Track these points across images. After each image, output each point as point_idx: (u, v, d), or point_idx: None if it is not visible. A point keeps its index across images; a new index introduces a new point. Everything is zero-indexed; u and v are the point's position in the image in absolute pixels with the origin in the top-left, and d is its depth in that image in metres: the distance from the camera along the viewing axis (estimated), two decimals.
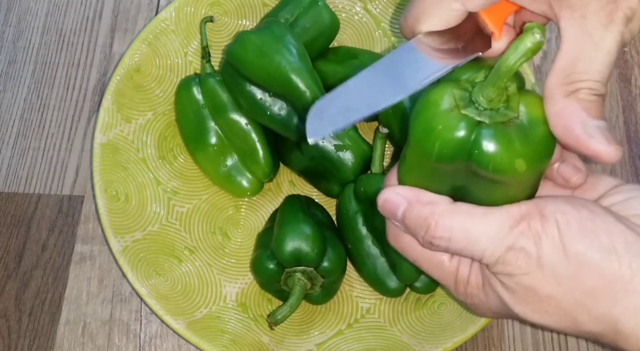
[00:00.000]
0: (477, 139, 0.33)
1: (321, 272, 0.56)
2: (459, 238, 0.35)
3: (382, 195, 0.38)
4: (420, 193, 0.37)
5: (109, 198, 0.58)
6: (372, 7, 0.67)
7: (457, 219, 0.35)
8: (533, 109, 0.34)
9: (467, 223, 0.35)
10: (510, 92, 0.34)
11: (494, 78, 0.33)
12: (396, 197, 0.37)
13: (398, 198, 0.37)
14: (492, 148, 0.33)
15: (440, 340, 0.55)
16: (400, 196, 0.37)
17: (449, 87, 0.35)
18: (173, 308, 0.55)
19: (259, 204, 0.64)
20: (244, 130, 0.60)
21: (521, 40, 0.32)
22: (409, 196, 0.37)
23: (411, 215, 0.36)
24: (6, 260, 0.63)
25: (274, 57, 0.55)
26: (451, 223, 0.35)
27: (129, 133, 0.62)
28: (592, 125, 0.34)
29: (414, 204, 0.36)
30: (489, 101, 0.34)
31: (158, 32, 0.63)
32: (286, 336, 0.57)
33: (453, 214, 0.35)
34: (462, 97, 0.34)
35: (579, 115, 0.34)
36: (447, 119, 0.34)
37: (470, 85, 0.35)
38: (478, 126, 0.34)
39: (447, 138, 0.34)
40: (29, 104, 0.70)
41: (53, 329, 0.61)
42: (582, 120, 0.34)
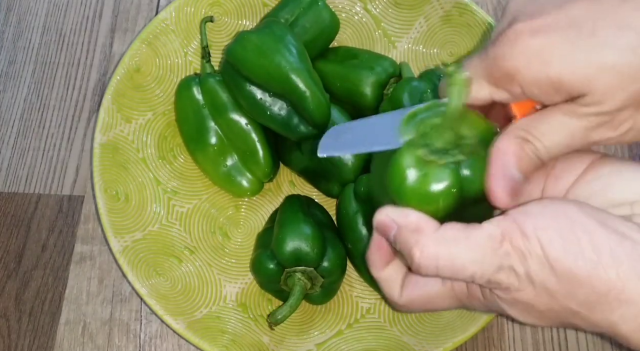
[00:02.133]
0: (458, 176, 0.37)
1: (321, 272, 0.56)
2: (445, 265, 0.35)
3: (376, 216, 0.38)
4: (408, 216, 0.37)
5: (109, 198, 0.58)
6: (372, 7, 0.67)
7: (441, 248, 0.35)
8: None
9: (452, 251, 0.35)
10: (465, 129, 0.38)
11: (447, 123, 0.37)
12: (386, 219, 0.37)
13: (388, 221, 0.37)
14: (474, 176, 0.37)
15: (440, 340, 0.55)
16: (390, 219, 0.37)
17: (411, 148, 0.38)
18: (173, 308, 0.55)
19: (259, 204, 0.64)
20: (244, 130, 0.60)
21: (451, 85, 0.36)
22: (398, 220, 0.37)
23: (399, 240, 0.37)
24: (6, 260, 0.63)
25: (274, 57, 0.55)
26: (436, 252, 0.35)
27: (129, 133, 0.62)
28: (511, 171, 0.36)
29: (402, 230, 0.37)
30: (452, 143, 0.37)
31: (158, 32, 0.63)
32: (286, 336, 0.57)
33: (438, 243, 0.36)
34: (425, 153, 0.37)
35: (508, 157, 0.36)
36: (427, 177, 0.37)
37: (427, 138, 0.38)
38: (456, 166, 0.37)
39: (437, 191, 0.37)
40: (29, 104, 0.70)
41: (53, 329, 0.61)
42: (507, 162, 0.36)
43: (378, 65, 0.62)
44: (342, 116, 0.60)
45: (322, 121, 0.56)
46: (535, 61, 0.35)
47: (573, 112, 0.36)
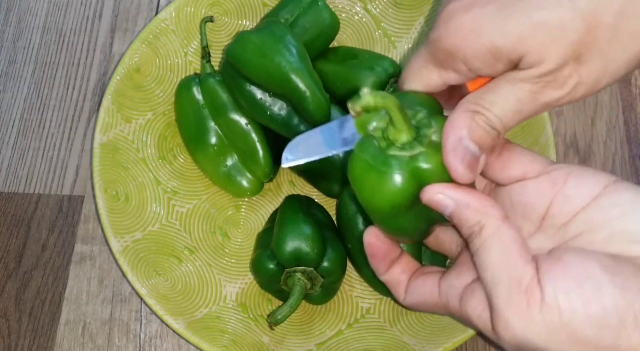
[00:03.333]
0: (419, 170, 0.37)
1: (321, 272, 0.56)
2: (481, 261, 0.35)
3: (427, 192, 0.37)
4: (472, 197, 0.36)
5: (109, 198, 0.58)
6: (372, 7, 0.67)
7: (494, 241, 0.35)
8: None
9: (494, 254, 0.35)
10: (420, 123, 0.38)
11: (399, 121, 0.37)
12: (444, 199, 0.37)
13: (446, 200, 0.37)
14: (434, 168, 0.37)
15: (440, 340, 0.55)
16: (447, 197, 0.37)
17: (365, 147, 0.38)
18: (173, 308, 0.55)
19: (259, 204, 0.64)
20: (244, 130, 0.60)
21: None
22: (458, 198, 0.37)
23: (460, 216, 0.37)
24: (6, 260, 0.63)
25: (274, 57, 0.55)
26: (487, 240, 0.35)
27: (129, 133, 0.62)
28: (464, 143, 0.36)
29: (462, 207, 0.36)
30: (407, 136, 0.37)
31: (158, 32, 0.63)
32: (286, 336, 0.57)
33: (495, 234, 0.35)
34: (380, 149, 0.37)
35: (460, 131, 0.36)
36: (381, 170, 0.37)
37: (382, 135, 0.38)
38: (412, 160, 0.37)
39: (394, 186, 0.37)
40: (29, 104, 0.70)
41: (53, 329, 0.61)
42: (460, 135, 0.36)
43: (378, 65, 0.62)
44: (342, 116, 0.60)
45: (322, 121, 0.56)
46: (470, 34, 0.35)
47: (515, 77, 0.36)
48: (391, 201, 0.37)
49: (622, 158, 0.67)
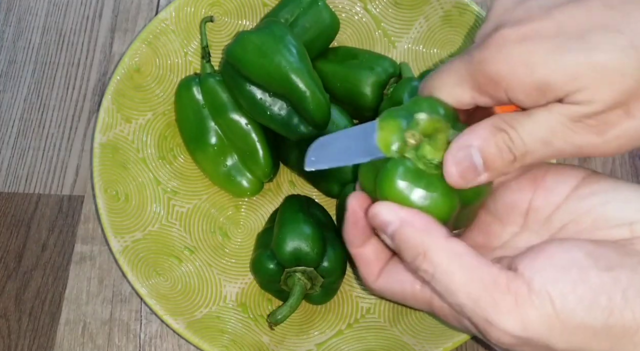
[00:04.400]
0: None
1: (321, 272, 0.56)
2: (440, 280, 0.34)
3: (374, 208, 0.36)
4: (416, 216, 0.35)
5: (109, 198, 0.58)
6: (372, 7, 0.67)
7: (445, 260, 0.34)
8: None
9: (453, 270, 0.34)
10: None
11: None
12: (389, 214, 0.36)
13: (391, 216, 0.36)
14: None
15: (441, 340, 0.55)
16: (394, 214, 0.35)
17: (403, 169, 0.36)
18: (173, 308, 0.55)
19: (259, 204, 0.64)
20: (244, 130, 0.60)
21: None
22: (404, 216, 0.35)
23: (401, 236, 0.35)
24: (6, 260, 0.63)
25: (273, 57, 0.55)
26: (438, 261, 0.34)
27: (129, 133, 0.62)
28: (470, 151, 0.35)
29: (406, 226, 0.35)
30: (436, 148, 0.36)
31: (158, 32, 0.63)
32: (286, 336, 0.57)
33: (444, 253, 0.34)
34: (411, 163, 0.36)
35: (474, 139, 0.35)
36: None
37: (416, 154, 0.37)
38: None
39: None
40: (29, 104, 0.70)
41: (53, 329, 0.61)
42: (471, 142, 0.35)
43: (378, 65, 0.62)
44: (342, 116, 0.60)
45: (322, 121, 0.56)
46: (521, 67, 0.34)
47: (557, 109, 0.34)
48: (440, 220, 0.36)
49: (622, 158, 0.67)
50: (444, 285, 0.34)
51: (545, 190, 0.38)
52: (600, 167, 0.67)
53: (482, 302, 0.33)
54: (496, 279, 0.33)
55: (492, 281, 0.33)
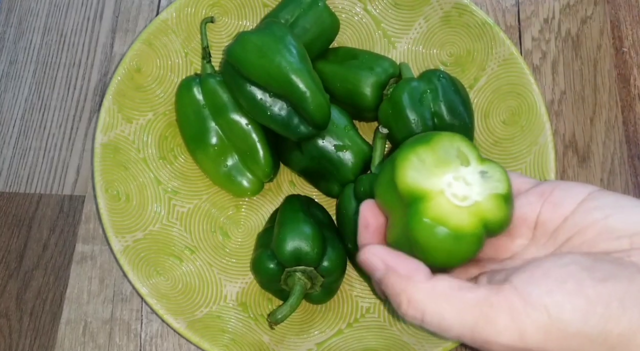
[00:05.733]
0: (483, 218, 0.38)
1: (321, 272, 0.56)
2: (431, 321, 0.35)
3: (363, 254, 0.38)
4: (398, 260, 0.36)
5: (109, 198, 0.58)
6: (372, 8, 0.67)
7: (430, 302, 0.34)
8: None
9: (441, 308, 0.34)
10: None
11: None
12: (375, 260, 0.37)
13: (375, 261, 0.37)
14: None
15: (440, 340, 0.55)
16: (378, 259, 0.37)
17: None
18: (174, 308, 0.56)
19: (259, 204, 0.64)
20: (244, 130, 0.60)
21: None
22: (387, 261, 0.37)
23: (387, 283, 0.36)
24: (7, 259, 0.64)
25: (274, 58, 0.56)
26: (424, 305, 0.34)
27: (130, 133, 0.62)
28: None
29: (390, 274, 0.36)
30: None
31: (159, 32, 0.63)
32: (286, 336, 0.58)
33: (428, 295, 0.35)
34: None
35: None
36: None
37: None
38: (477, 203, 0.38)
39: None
40: (30, 104, 0.70)
41: (54, 328, 0.61)
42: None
43: (378, 65, 0.62)
44: (342, 116, 0.61)
45: (322, 121, 0.56)
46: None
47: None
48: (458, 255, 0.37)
49: (621, 158, 0.67)
50: (438, 325, 0.34)
51: (553, 204, 0.39)
52: (599, 167, 0.67)
53: (479, 325, 0.33)
54: (487, 299, 0.34)
55: (483, 302, 0.34)
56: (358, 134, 0.60)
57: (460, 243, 0.36)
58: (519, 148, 0.61)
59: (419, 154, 0.37)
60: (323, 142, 0.59)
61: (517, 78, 0.62)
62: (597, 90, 0.70)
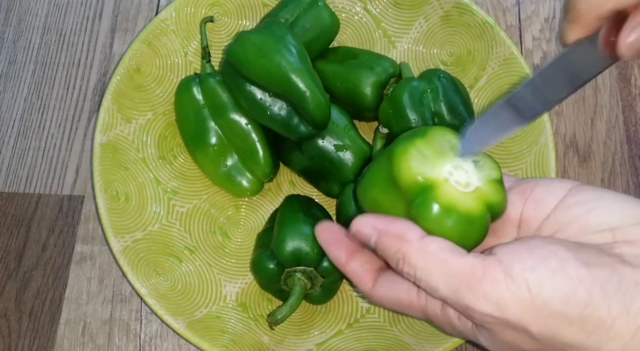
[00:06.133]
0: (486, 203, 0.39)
1: (321, 272, 0.56)
2: (421, 278, 0.36)
3: (354, 226, 0.39)
4: (390, 222, 0.37)
5: (109, 198, 0.58)
6: (372, 8, 0.67)
7: (421, 260, 0.36)
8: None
9: (430, 268, 0.35)
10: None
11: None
12: (366, 228, 0.38)
13: (368, 229, 0.38)
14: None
15: (441, 340, 0.55)
16: (370, 226, 0.38)
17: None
18: (173, 308, 0.55)
19: (259, 204, 0.64)
20: (244, 130, 0.60)
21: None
22: (378, 226, 0.38)
23: (382, 247, 0.37)
24: (6, 260, 0.63)
25: (274, 57, 0.55)
26: (415, 262, 0.36)
27: (129, 133, 0.62)
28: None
29: (382, 236, 0.37)
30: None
31: (158, 32, 0.63)
32: (286, 336, 0.57)
33: (419, 253, 0.36)
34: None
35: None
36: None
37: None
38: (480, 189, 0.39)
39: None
40: (29, 104, 0.70)
41: (53, 329, 0.61)
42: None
43: (378, 65, 0.62)
44: (342, 116, 0.60)
45: (322, 121, 0.56)
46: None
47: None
48: (467, 236, 0.38)
49: (622, 158, 0.67)
50: (426, 282, 0.36)
51: (535, 202, 0.39)
52: (600, 167, 0.67)
53: (461, 291, 0.34)
54: (472, 268, 0.35)
55: (468, 270, 0.35)
56: (358, 134, 0.60)
57: (471, 228, 0.37)
58: (519, 148, 0.61)
59: (418, 147, 0.38)
60: (323, 142, 0.59)
61: (518, 78, 0.62)
62: (598, 90, 0.70)
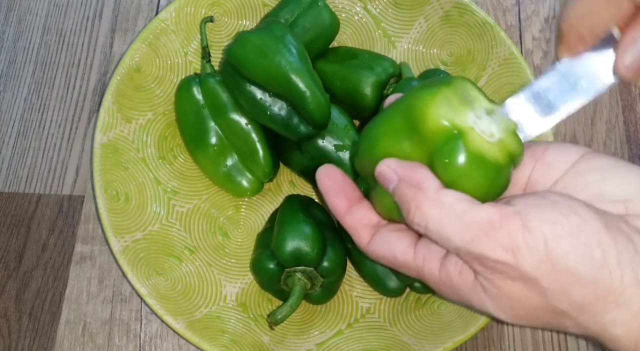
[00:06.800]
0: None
1: (321, 272, 0.56)
2: (433, 229, 0.35)
3: (378, 168, 0.38)
4: (411, 170, 0.36)
5: (109, 198, 0.58)
6: (372, 7, 0.67)
7: (435, 211, 0.35)
8: None
9: (445, 218, 0.34)
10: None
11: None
12: (388, 170, 0.37)
13: (390, 173, 0.37)
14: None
15: (441, 340, 0.55)
16: (392, 171, 0.37)
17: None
18: (173, 308, 0.55)
19: (259, 204, 0.64)
20: (244, 130, 0.60)
21: None
22: (400, 172, 0.36)
23: (399, 193, 0.36)
24: (6, 260, 0.63)
25: (274, 57, 0.55)
26: (429, 213, 0.35)
27: (129, 133, 0.62)
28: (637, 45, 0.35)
29: (402, 182, 0.36)
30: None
31: (158, 32, 0.63)
32: (286, 336, 0.57)
33: (434, 204, 0.35)
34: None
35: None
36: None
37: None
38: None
39: None
40: (29, 104, 0.70)
41: (53, 329, 0.61)
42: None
43: (378, 65, 0.62)
44: (342, 116, 0.60)
45: (322, 121, 0.56)
46: None
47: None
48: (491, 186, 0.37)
49: (622, 158, 0.67)
50: (438, 233, 0.35)
51: (545, 164, 0.38)
52: None
53: (476, 240, 0.34)
54: (489, 217, 0.34)
55: (485, 219, 0.34)
56: (358, 134, 0.60)
57: (498, 178, 0.36)
58: None
59: (445, 94, 0.37)
60: (323, 141, 0.59)
61: (518, 78, 0.62)
62: None
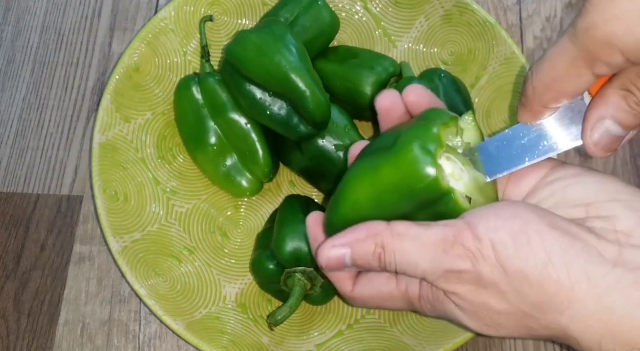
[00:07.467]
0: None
1: (321, 272, 0.55)
2: (401, 261, 0.36)
3: (321, 257, 0.39)
4: (354, 232, 0.38)
5: (107, 198, 0.58)
6: (372, 7, 0.67)
7: (397, 242, 0.36)
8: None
9: (406, 245, 0.36)
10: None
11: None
12: (334, 251, 0.38)
13: (337, 250, 0.38)
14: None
15: (441, 341, 0.54)
16: (338, 247, 0.38)
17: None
18: (172, 309, 0.55)
19: (258, 204, 0.64)
20: (243, 129, 0.60)
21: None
22: (346, 241, 0.38)
23: (358, 254, 0.38)
24: (5, 260, 0.63)
25: (273, 57, 0.55)
26: (392, 247, 0.37)
27: (128, 132, 0.61)
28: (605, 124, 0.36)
29: (355, 245, 0.38)
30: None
31: (157, 31, 0.63)
32: (286, 337, 0.57)
33: (393, 237, 0.37)
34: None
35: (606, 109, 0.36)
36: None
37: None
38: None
39: None
40: (28, 104, 0.70)
41: (52, 329, 0.60)
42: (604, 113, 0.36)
43: (378, 64, 0.62)
44: (342, 116, 0.60)
45: (321, 121, 0.56)
46: (637, 21, 0.31)
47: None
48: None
49: (623, 158, 0.67)
50: (406, 262, 0.36)
51: (517, 180, 0.40)
52: (601, 167, 0.67)
53: (437, 257, 0.35)
54: (443, 234, 0.36)
55: (439, 237, 0.36)
56: (358, 134, 0.60)
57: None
58: None
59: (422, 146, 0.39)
60: (323, 141, 0.59)
61: (519, 77, 0.62)
62: None
